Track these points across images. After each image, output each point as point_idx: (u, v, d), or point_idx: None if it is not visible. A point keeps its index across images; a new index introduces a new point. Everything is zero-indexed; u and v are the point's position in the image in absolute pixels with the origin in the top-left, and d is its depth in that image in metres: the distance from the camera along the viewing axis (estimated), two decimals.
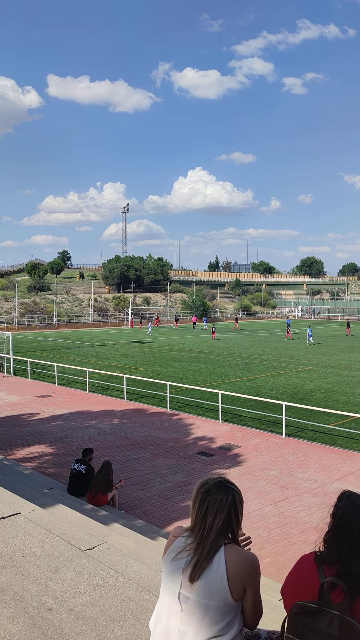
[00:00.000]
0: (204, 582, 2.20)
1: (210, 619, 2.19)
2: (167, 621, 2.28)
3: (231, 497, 2.31)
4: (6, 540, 4.50)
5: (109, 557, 4.41)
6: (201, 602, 2.20)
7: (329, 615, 1.97)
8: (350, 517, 2.14)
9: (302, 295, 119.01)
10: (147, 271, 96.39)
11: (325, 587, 2.04)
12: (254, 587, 2.26)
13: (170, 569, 2.32)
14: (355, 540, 2.10)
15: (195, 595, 2.21)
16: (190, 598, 2.22)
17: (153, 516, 9.53)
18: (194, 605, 2.21)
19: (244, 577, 2.22)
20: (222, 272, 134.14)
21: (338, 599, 2.01)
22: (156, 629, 2.34)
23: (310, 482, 11.32)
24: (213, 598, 2.19)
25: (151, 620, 2.43)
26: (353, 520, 2.12)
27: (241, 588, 2.22)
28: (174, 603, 2.27)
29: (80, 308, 77.49)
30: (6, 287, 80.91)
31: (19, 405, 19.18)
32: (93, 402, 19.72)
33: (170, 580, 2.31)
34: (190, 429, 15.84)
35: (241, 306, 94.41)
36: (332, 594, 2.03)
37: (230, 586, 2.19)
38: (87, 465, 10.14)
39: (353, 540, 2.10)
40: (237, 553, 2.25)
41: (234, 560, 2.23)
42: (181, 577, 2.26)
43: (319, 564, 2.14)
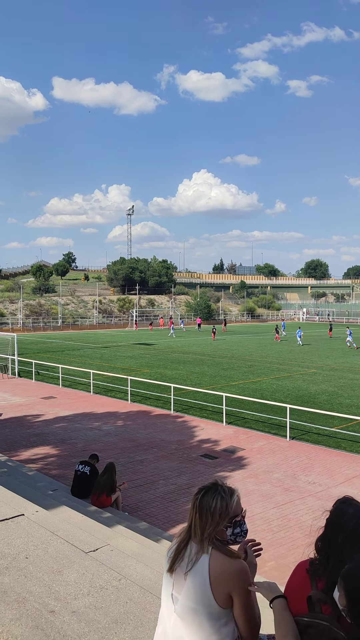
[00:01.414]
0: (190, 586, 2.21)
1: (199, 623, 2.18)
2: (166, 622, 2.31)
3: (218, 500, 2.30)
4: (9, 542, 4.51)
5: (112, 559, 4.40)
6: (189, 605, 2.20)
7: (320, 627, 1.95)
8: (336, 524, 2.10)
9: (307, 298, 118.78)
10: (152, 273, 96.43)
11: (315, 598, 2.01)
12: (242, 595, 2.22)
13: (165, 570, 2.37)
14: (341, 548, 2.05)
15: (184, 598, 2.22)
16: (179, 600, 2.23)
17: (157, 518, 9.52)
18: (183, 607, 2.22)
19: (227, 584, 2.19)
20: (226, 275, 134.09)
21: (328, 611, 1.98)
22: (157, 630, 2.37)
23: (314, 485, 11.28)
24: (199, 602, 2.18)
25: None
26: (338, 529, 2.09)
27: (225, 595, 2.19)
28: (169, 604, 2.29)
29: (84, 310, 77.61)
30: (11, 288, 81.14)
31: (24, 407, 19.21)
32: (97, 404, 19.72)
33: (165, 581, 2.35)
34: (194, 431, 15.81)
35: (246, 308, 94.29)
36: (322, 606, 2.00)
37: (213, 592, 2.17)
38: (91, 467, 10.13)
39: (337, 550, 2.06)
40: (221, 559, 2.22)
41: (217, 566, 2.21)
42: (174, 577, 2.28)
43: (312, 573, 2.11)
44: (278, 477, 11.81)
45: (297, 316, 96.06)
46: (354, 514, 2.10)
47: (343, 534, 2.06)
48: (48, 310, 72.08)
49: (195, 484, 11.23)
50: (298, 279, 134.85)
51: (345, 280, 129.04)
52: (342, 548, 2.04)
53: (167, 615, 2.31)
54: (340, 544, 2.05)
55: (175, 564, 2.28)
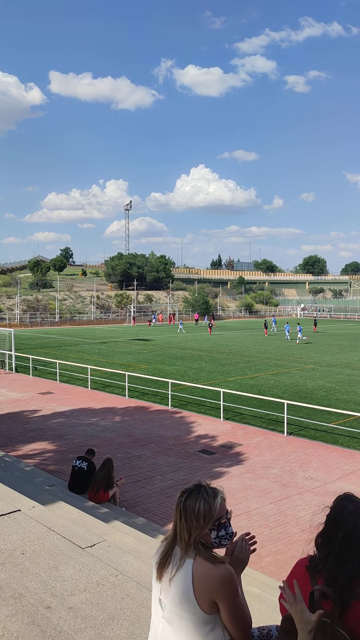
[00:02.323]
0: (174, 592, 2.18)
1: (186, 628, 2.16)
2: (157, 626, 2.30)
3: (201, 503, 2.24)
4: (6, 537, 4.49)
5: (109, 555, 4.39)
6: (175, 610, 2.18)
7: (320, 624, 1.94)
8: (336, 521, 2.09)
9: (304, 294, 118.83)
10: (150, 269, 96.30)
11: (316, 595, 2.00)
12: (228, 602, 2.18)
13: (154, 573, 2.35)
14: (339, 546, 2.04)
15: (170, 604, 2.20)
16: (166, 605, 2.21)
17: (154, 514, 9.52)
18: (170, 613, 2.20)
19: (211, 591, 2.15)
20: (224, 270, 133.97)
21: (329, 607, 1.97)
22: (150, 632, 2.37)
23: (311, 481, 11.29)
24: (184, 608, 2.16)
25: None
26: (338, 525, 2.07)
27: (209, 601, 2.15)
28: (158, 608, 2.28)
29: (82, 305, 77.51)
30: (9, 283, 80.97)
31: (21, 402, 19.19)
32: (95, 400, 19.71)
33: (155, 585, 2.33)
34: (192, 426, 15.82)
35: (244, 304, 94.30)
36: (323, 602, 1.99)
37: (197, 598, 2.14)
38: (88, 462, 10.12)
39: (337, 546, 2.04)
40: (205, 565, 2.18)
41: (201, 572, 2.17)
42: (161, 581, 2.26)
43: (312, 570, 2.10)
44: (275, 472, 11.82)
45: (295, 312, 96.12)
46: (354, 511, 2.08)
47: (343, 530, 2.04)
48: (45, 305, 71.96)
49: (193, 480, 11.22)
50: (296, 274, 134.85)
51: (343, 277, 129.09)
52: (342, 545, 2.03)
53: (156, 619, 2.30)
54: (340, 540, 2.03)
55: (162, 570, 2.26)
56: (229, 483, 11.08)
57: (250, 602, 2.65)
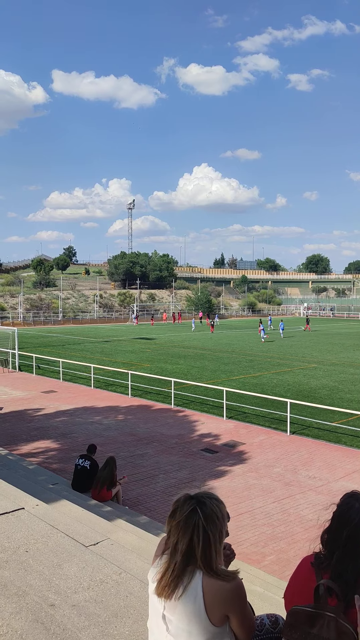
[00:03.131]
0: (183, 609, 2.13)
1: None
2: (159, 635, 2.26)
3: (197, 516, 2.16)
4: (10, 535, 4.50)
5: (113, 553, 4.40)
6: (183, 627, 2.15)
7: (325, 619, 1.94)
8: (342, 518, 2.08)
9: (307, 293, 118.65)
10: (153, 268, 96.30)
11: (322, 590, 1.99)
12: (238, 612, 2.17)
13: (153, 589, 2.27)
14: (344, 544, 2.03)
15: (177, 621, 2.15)
16: (173, 622, 2.17)
17: (157, 512, 9.53)
18: (177, 630, 2.16)
19: (223, 606, 2.13)
20: (227, 269, 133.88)
21: (334, 602, 1.97)
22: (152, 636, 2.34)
23: (314, 480, 11.29)
24: (193, 625, 2.12)
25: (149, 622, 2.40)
26: (345, 522, 2.07)
27: (221, 615, 2.14)
28: (160, 622, 2.23)
29: (85, 304, 77.57)
30: (12, 282, 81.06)
31: (24, 401, 19.23)
32: (98, 398, 19.74)
33: (153, 600, 2.26)
34: (195, 425, 15.82)
35: (246, 303, 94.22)
36: (328, 598, 1.99)
37: (209, 615, 2.11)
38: (91, 461, 10.14)
39: (343, 543, 2.04)
40: (214, 584, 2.12)
41: (213, 590, 2.11)
42: (162, 599, 2.19)
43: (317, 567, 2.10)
44: (278, 471, 11.82)
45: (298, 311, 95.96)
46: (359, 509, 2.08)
47: (348, 528, 2.04)
48: (49, 304, 72.03)
49: (196, 478, 11.23)
50: (299, 273, 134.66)
51: (346, 275, 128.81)
52: (347, 543, 2.03)
53: (158, 630, 2.26)
54: (345, 538, 2.03)
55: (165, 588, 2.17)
56: (231, 482, 11.09)
57: (253, 601, 2.66)
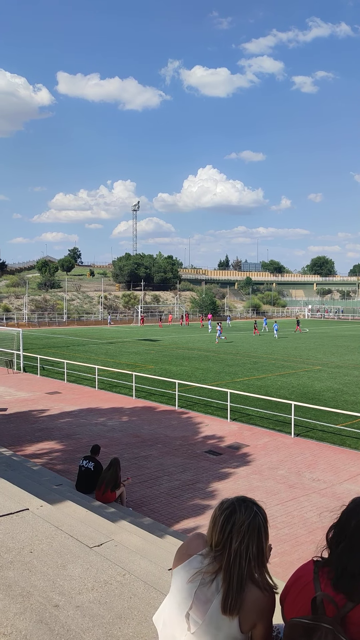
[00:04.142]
0: (215, 613, 2.12)
1: None
2: (173, 632, 2.23)
3: (259, 519, 2.19)
4: (14, 536, 4.52)
5: (117, 555, 4.41)
6: (210, 631, 2.12)
7: (322, 631, 1.90)
8: (351, 512, 2.05)
9: (312, 295, 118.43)
10: (157, 269, 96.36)
11: (319, 600, 1.97)
12: (266, 623, 2.16)
13: (181, 585, 2.22)
14: (351, 534, 1.99)
15: (205, 623, 2.13)
16: (199, 623, 2.14)
17: (161, 514, 9.54)
18: (203, 632, 2.14)
19: (257, 615, 2.12)
20: (232, 271, 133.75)
21: (332, 613, 1.94)
22: (164, 631, 2.30)
23: (318, 483, 11.27)
24: (221, 630, 2.11)
25: (157, 617, 2.37)
26: (352, 515, 2.04)
27: (252, 624, 2.13)
28: (182, 620, 2.19)
29: (90, 305, 77.70)
30: (17, 283, 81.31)
31: (29, 402, 19.27)
32: (102, 400, 19.76)
33: (179, 598, 2.21)
34: (199, 427, 15.82)
35: (251, 305, 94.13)
36: (326, 607, 1.97)
37: (241, 622, 2.10)
38: (95, 462, 10.16)
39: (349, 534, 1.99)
40: (256, 592, 2.12)
41: (252, 599, 2.11)
42: (193, 597, 2.17)
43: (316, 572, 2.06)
44: (282, 473, 11.80)
45: (303, 313, 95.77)
46: None
47: (356, 519, 2.01)
48: (53, 305, 72.20)
49: (200, 480, 11.24)
50: (304, 275, 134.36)
51: (351, 277, 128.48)
52: (354, 532, 2.00)
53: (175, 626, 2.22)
54: (353, 527, 2.00)
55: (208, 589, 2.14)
56: (235, 484, 11.08)
57: None
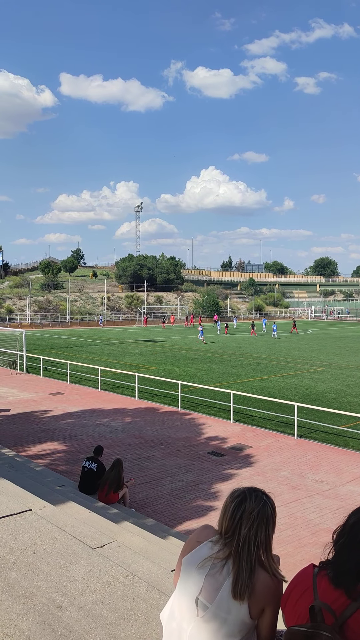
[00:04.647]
0: (225, 596, 2.16)
1: (226, 631, 2.16)
2: (181, 622, 2.25)
3: (267, 509, 2.24)
4: (17, 537, 4.52)
5: (119, 556, 4.41)
6: (220, 614, 2.16)
7: (322, 638, 1.89)
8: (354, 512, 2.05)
9: (315, 296, 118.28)
10: (160, 270, 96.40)
11: (317, 608, 1.96)
12: (274, 608, 2.21)
13: (190, 572, 2.27)
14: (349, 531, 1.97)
15: (215, 607, 2.17)
16: (209, 608, 2.18)
17: (163, 515, 9.53)
18: (212, 615, 2.17)
19: (266, 599, 2.18)
20: (235, 272, 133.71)
21: (331, 621, 1.92)
22: (170, 625, 2.32)
23: (321, 484, 11.24)
24: (231, 613, 2.15)
25: (163, 612, 2.40)
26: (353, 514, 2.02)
27: (260, 608, 2.18)
28: (191, 607, 2.23)
29: (93, 306, 77.77)
30: (20, 284, 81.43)
31: (32, 402, 19.29)
32: (105, 400, 19.77)
33: (189, 584, 2.26)
34: (202, 428, 15.81)
35: (254, 306, 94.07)
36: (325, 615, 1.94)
37: (251, 606, 2.15)
38: (98, 463, 10.16)
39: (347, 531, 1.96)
40: (266, 577, 2.20)
41: (261, 583, 2.18)
42: (202, 583, 2.22)
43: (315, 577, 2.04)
44: (285, 475, 11.79)
45: (306, 314, 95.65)
46: None
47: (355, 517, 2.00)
48: (56, 306, 72.28)
49: (203, 481, 11.23)
50: (307, 276, 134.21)
51: (354, 279, 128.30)
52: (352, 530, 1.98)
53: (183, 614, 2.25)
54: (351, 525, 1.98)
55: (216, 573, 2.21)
56: (238, 485, 11.02)
57: None
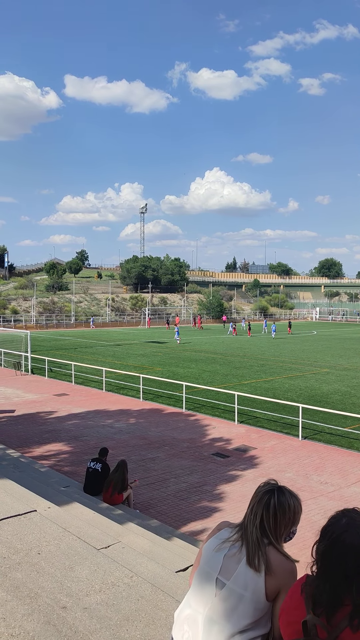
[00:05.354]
0: (242, 573, 2.26)
1: (242, 610, 2.21)
2: (197, 606, 2.31)
3: (276, 500, 2.36)
4: (22, 537, 4.54)
5: (124, 557, 4.41)
6: (236, 590, 2.24)
7: None
8: (323, 532, 1.97)
9: (320, 297, 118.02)
10: (165, 271, 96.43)
11: (310, 623, 1.94)
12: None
13: (211, 555, 2.38)
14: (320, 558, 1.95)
15: (232, 583, 2.25)
16: (226, 585, 2.26)
17: (168, 516, 9.53)
18: (229, 592, 2.25)
19: (281, 580, 2.26)
20: (239, 273, 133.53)
21: (324, 635, 1.88)
22: (182, 614, 2.36)
23: (326, 485, 11.22)
24: (248, 589, 2.23)
25: (177, 610, 2.44)
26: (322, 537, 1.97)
27: (276, 589, 2.25)
28: (209, 588, 2.30)
29: (97, 308, 77.87)
30: (25, 286, 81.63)
31: (37, 403, 19.34)
32: (109, 401, 19.79)
33: (208, 566, 2.36)
34: (206, 429, 15.80)
35: (258, 307, 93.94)
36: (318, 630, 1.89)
37: (267, 583, 2.23)
38: (103, 464, 10.17)
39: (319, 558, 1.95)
40: (280, 557, 2.32)
41: (277, 562, 2.28)
42: (222, 563, 2.32)
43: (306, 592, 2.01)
44: (290, 476, 11.76)
45: (311, 315, 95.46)
46: (344, 525, 1.95)
47: (324, 542, 1.97)
48: (61, 307, 72.42)
49: (207, 483, 11.22)
50: (311, 278, 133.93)
51: (359, 280, 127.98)
52: (322, 559, 1.96)
53: (200, 599, 2.32)
54: (321, 553, 1.97)
55: (233, 552, 2.33)
56: (242, 487, 11.05)
57: None
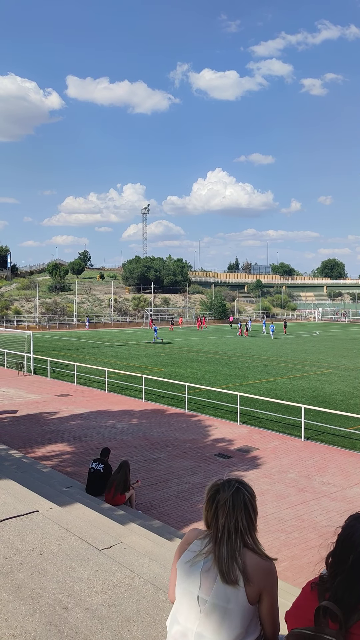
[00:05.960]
0: (222, 587, 2.19)
1: (229, 623, 2.18)
2: (185, 623, 2.27)
3: (241, 496, 2.29)
4: (24, 538, 4.54)
5: (126, 557, 4.41)
6: (219, 604, 2.19)
7: None
8: (346, 542, 2.00)
9: (322, 298, 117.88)
10: (167, 272, 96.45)
11: (322, 611, 1.96)
12: (271, 593, 2.25)
13: (187, 572, 2.31)
14: (349, 568, 1.96)
15: (213, 598, 2.20)
16: (208, 601, 2.21)
17: (170, 517, 9.52)
18: (213, 608, 2.19)
19: (260, 582, 2.21)
20: (242, 274, 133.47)
21: (335, 626, 1.91)
22: (172, 629, 2.33)
23: (329, 486, 11.20)
24: (230, 601, 2.18)
25: (168, 620, 2.42)
26: (348, 547, 1.99)
27: (257, 593, 2.21)
28: (193, 605, 2.25)
29: (100, 308, 77.95)
30: (28, 286, 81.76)
31: (39, 404, 19.35)
32: (112, 402, 19.80)
33: (187, 583, 2.29)
34: (209, 430, 15.80)
35: (261, 308, 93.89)
36: (329, 620, 1.93)
37: (247, 592, 2.19)
38: (105, 464, 10.17)
39: (347, 568, 1.96)
40: (255, 558, 2.25)
41: (252, 565, 2.22)
42: (200, 579, 2.25)
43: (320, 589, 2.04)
44: (292, 477, 11.75)
45: (313, 316, 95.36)
46: None
47: (354, 553, 1.98)
48: (64, 308, 72.52)
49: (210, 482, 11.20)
50: (314, 278, 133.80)
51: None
52: (352, 567, 1.97)
53: (186, 615, 2.27)
54: (351, 563, 1.98)
55: (208, 567, 2.26)
56: None
57: None
